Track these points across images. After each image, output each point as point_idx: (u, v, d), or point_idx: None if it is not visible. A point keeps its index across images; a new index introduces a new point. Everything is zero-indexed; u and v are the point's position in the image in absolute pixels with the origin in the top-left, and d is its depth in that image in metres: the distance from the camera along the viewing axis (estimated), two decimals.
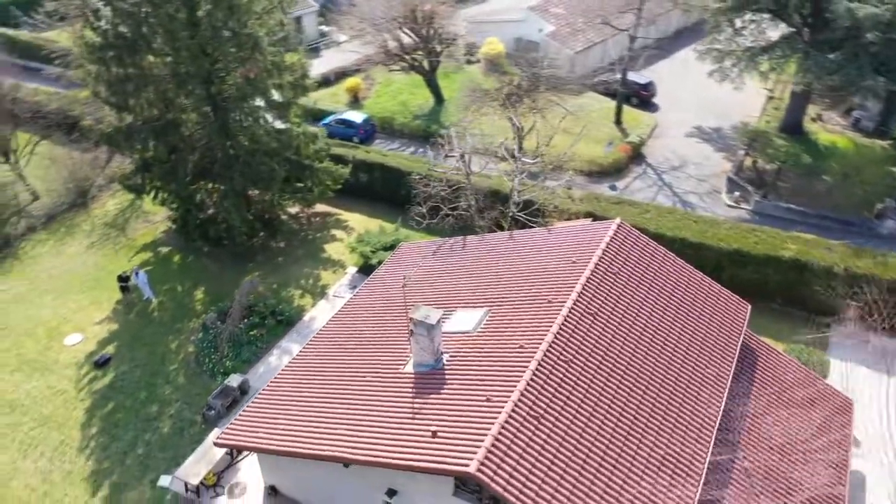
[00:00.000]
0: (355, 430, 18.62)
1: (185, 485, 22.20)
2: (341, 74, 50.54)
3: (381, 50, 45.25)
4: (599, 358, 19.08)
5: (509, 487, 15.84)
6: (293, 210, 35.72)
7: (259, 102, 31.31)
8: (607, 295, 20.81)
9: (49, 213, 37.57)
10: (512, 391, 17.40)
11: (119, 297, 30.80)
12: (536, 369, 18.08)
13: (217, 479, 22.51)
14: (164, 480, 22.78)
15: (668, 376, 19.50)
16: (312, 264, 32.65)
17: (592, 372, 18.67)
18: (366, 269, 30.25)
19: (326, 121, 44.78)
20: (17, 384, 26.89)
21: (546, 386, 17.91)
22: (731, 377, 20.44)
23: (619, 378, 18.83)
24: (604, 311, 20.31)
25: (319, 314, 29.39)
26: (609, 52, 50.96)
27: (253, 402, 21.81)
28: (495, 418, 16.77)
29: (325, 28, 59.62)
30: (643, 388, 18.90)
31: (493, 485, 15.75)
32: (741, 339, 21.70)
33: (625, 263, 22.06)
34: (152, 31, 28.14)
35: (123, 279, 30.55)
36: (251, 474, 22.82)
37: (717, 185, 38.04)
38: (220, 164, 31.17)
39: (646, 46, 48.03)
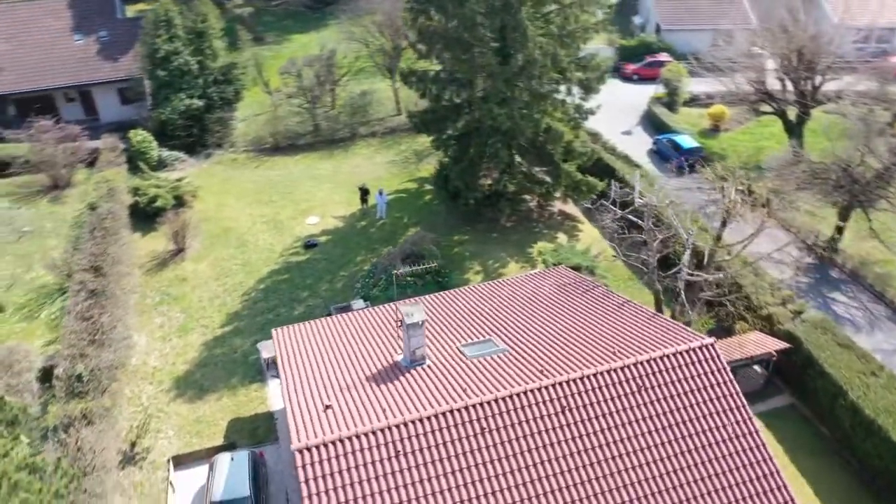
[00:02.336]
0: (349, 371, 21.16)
1: (264, 356, 27.08)
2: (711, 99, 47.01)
3: (751, 86, 40.77)
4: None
5: (310, 480, 16.54)
6: (530, 200, 36.48)
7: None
8: None
9: (393, 128, 45.20)
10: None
11: (360, 205, 36.65)
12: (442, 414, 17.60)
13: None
14: (260, 345, 28.04)
15: None
16: (511, 252, 33.52)
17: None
18: None
19: (661, 136, 43.16)
20: (259, 233, 35.00)
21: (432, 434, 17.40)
22: None
23: None
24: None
25: None
26: None
27: (312, 323, 25.23)
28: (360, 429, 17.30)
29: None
30: None
31: (301, 469, 16.65)
32: None
33: None
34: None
35: (363, 191, 36.16)
36: None
37: None
38: (487, 131, 33.27)
39: None
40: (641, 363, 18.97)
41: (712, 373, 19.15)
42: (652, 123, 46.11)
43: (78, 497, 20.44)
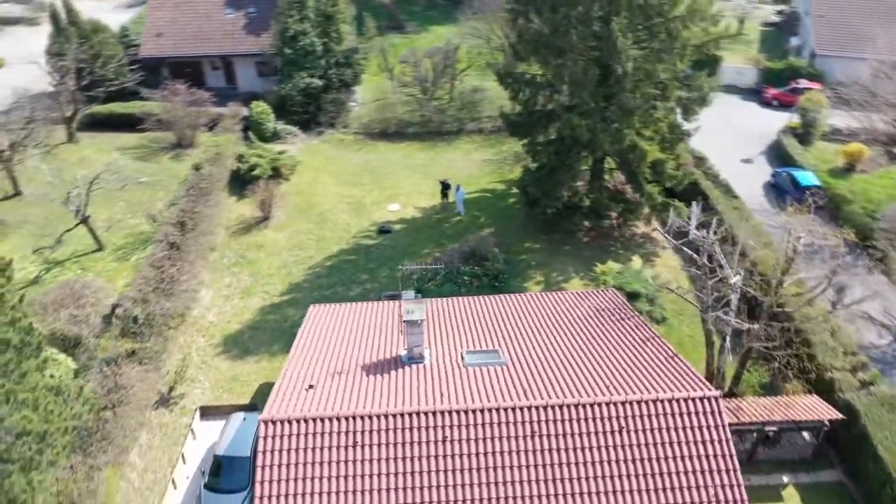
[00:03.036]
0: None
1: None
2: (853, 135, 42.59)
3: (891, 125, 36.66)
4: None
5: (267, 452, 17.24)
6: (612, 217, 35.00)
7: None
8: None
9: (501, 127, 45.01)
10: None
11: (440, 199, 37.01)
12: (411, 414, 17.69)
13: None
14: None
15: None
16: (578, 268, 32.44)
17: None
18: None
19: (781, 169, 39.95)
20: (340, 212, 36.39)
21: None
22: None
23: None
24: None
25: None
26: None
27: (347, 305, 26.00)
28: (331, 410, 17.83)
29: None
30: None
31: (262, 439, 17.41)
32: None
33: None
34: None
35: (444, 185, 36.44)
36: None
37: None
38: (569, 141, 32.63)
39: None
40: (629, 403, 17.93)
41: (707, 427, 17.73)
42: (777, 154, 42.66)
43: (103, 426, 22.60)
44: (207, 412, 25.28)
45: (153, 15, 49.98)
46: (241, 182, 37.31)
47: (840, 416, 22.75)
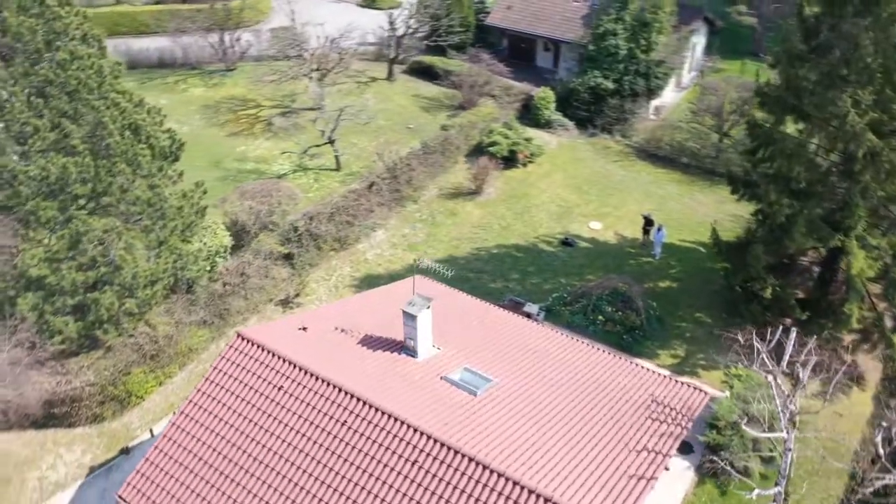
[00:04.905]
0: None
1: None
2: None
3: None
4: None
5: (224, 360, 19.97)
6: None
7: None
8: None
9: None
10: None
11: (641, 233, 34.36)
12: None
13: None
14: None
15: None
16: (732, 360, 27.61)
17: None
18: None
19: None
20: (542, 211, 36.40)
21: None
22: None
23: None
24: None
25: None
26: None
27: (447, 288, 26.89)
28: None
29: None
30: None
31: (228, 347, 20.19)
32: None
33: None
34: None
35: (647, 221, 33.65)
36: None
37: None
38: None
39: None
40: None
41: None
42: None
43: (221, 297, 27.80)
44: None
45: None
46: (479, 153, 39.52)
47: None
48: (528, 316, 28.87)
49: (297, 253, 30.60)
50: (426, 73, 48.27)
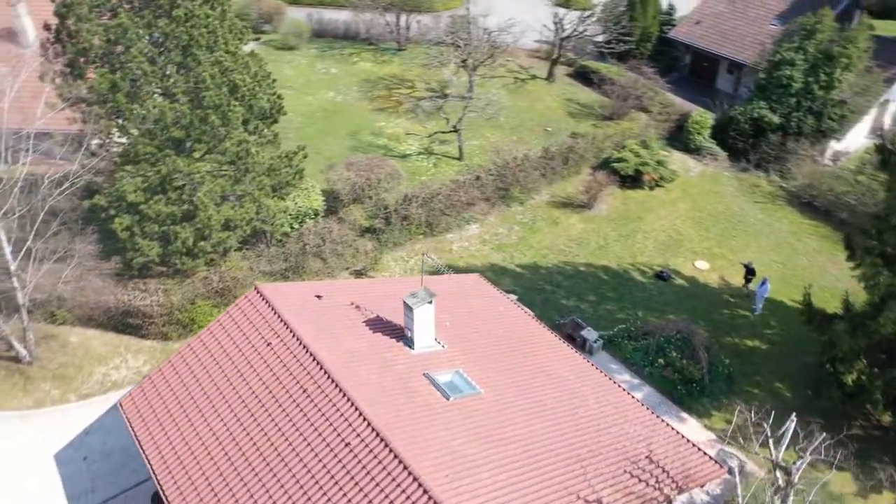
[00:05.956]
0: None
1: None
2: None
3: None
4: None
5: (234, 309, 21.59)
6: None
7: None
8: None
9: None
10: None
11: (742, 283, 31.04)
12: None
13: None
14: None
15: None
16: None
17: None
18: None
19: None
20: (650, 239, 34.29)
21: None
22: None
23: None
24: None
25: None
26: None
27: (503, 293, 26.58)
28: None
29: None
30: None
31: (244, 297, 21.80)
32: None
33: None
34: None
35: (748, 270, 30.29)
36: None
37: None
38: None
39: None
40: None
41: None
42: None
43: (303, 255, 29.78)
44: None
45: (708, 2, 50.39)
46: (605, 166, 37.96)
47: None
48: (585, 341, 27.73)
49: (382, 229, 31.79)
50: (588, 78, 47.03)
